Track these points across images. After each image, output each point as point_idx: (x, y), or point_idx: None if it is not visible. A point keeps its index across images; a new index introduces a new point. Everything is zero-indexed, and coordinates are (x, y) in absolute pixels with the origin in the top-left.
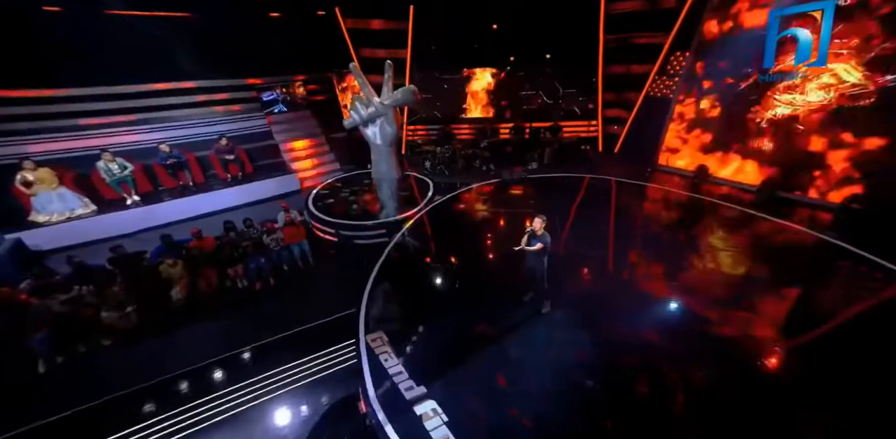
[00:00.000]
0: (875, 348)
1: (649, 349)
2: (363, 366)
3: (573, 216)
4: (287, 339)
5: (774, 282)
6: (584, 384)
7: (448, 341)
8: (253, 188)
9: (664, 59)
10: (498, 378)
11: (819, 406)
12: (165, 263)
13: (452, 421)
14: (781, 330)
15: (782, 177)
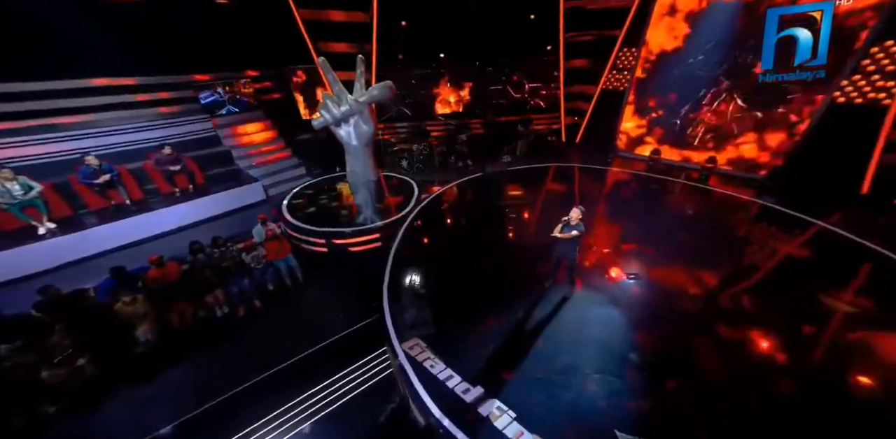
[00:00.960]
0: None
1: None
2: (411, 377)
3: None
4: (290, 369)
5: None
6: (629, 359)
7: (485, 336)
8: (209, 202)
9: (616, 55)
10: (547, 364)
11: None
12: (121, 301)
13: (520, 416)
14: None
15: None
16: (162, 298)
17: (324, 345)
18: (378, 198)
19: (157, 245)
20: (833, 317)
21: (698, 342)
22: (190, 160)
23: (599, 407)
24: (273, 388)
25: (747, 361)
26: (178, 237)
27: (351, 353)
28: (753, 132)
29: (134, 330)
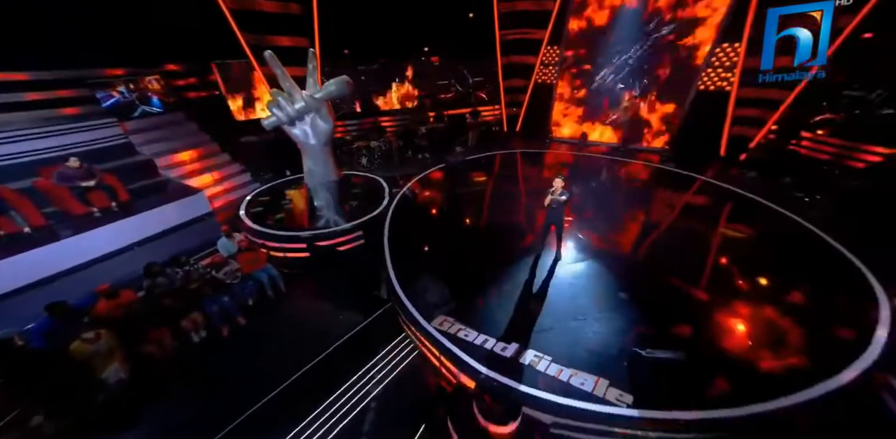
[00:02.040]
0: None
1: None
2: (452, 347)
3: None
4: (305, 378)
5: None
6: (620, 299)
7: (498, 302)
8: (144, 220)
9: (543, 52)
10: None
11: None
12: (80, 340)
13: (554, 358)
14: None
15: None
16: (131, 330)
17: (336, 347)
18: (340, 200)
19: (79, 277)
20: (718, 237)
21: (655, 274)
22: (107, 174)
23: (610, 340)
24: (293, 399)
25: (671, 281)
26: (108, 265)
27: (365, 351)
28: (655, 115)
29: (100, 372)
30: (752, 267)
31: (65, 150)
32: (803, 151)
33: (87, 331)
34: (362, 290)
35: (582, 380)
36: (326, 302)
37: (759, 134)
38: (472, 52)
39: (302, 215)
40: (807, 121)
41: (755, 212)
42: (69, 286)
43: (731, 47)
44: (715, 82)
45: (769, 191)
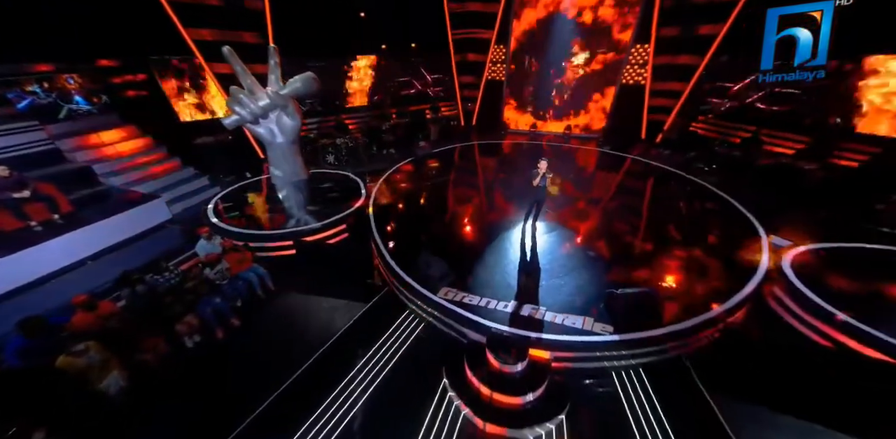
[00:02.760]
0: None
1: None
2: (464, 313)
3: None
4: (314, 368)
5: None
6: (589, 256)
7: (491, 270)
8: (94, 232)
9: (492, 50)
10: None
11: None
12: (69, 354)
13: (548, 308)
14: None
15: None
16: (122, 339)
17: (338, 337)
18: (309, 198)
19: (23, 299)
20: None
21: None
22: (42, 183)
23: (588, 288)
24: (307, 388)
25: (623, 238)
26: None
27: (369, 337)
28: (588, 107)
29: (98, 383)
30: (675, 220)
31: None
32: (701, 132)
33: (74, 345)
34: (355, 280)
35: (573, 321)
36: (319, 296)
37: (669, 119)
38: (428, 49)
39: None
40: (699, 108)
41: (672, 180)
42: (9, 310)
43: (643, 48)
44: (633, 77)
45: (680, 163)
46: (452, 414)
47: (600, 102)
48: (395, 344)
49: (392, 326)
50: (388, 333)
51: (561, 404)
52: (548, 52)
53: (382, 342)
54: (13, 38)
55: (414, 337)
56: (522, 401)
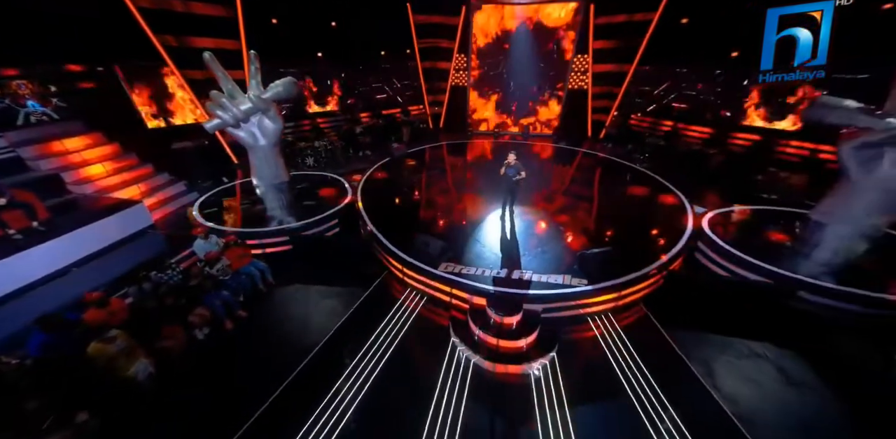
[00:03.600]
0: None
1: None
2: (465, 281)
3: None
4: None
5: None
6: (560, 230)
7: (481, 246)
8: (77, 239)
9: (455, 59)
10: (528, 247)
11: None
12: (100, 340)
13: (534, 271)
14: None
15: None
16: (144, 328)
17: (344, 321)
18: (291, 199)
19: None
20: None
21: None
22: (18, 190)
23: (564, 253)
24: (321, 370)
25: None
26: (45, 290)
27: (372, 318)
28: (544, 108)
29: (126, 369)
30: (622, 197)
31: None
32: (634, 127)
33: (105, 333)
34: (351, 269)
35: (555, 279)
36: (319, 286)
37: (608, 118)
38: (397, 57)
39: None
40: (632, 107)
41: (616, 167)
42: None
43: (583, 57)
44: (577, 83)
45: (621, 154)
46: (464, 364)
47: (551, 105)
48: (401, 320)
49: (396, 304)
50: (393, 311)
51: (551, 344)
52: (508, 61)
53: (388, 319)
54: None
55: (418, 312)
56: (522, 345)
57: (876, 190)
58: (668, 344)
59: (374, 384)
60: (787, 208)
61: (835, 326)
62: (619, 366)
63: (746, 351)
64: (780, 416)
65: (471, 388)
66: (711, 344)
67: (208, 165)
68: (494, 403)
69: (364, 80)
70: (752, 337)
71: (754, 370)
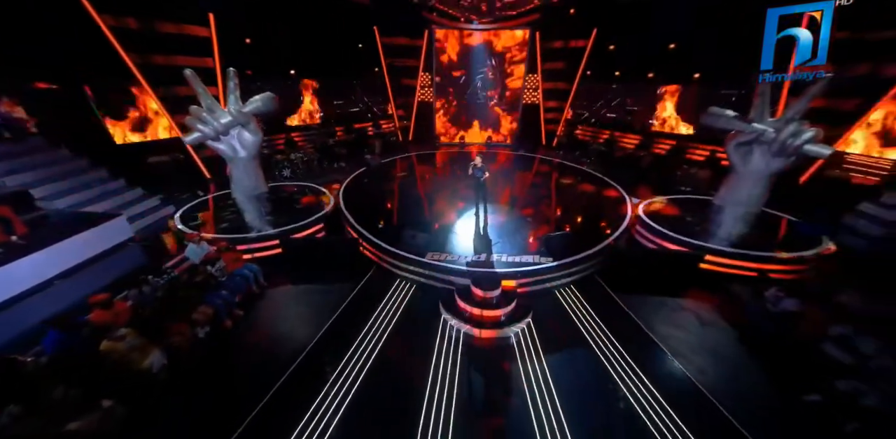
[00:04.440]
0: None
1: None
2: (451, 266)
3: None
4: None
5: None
6: (528, 220)
7: (458, 237)
8: (58, 252)
9: (421, 76)
10: (497, 236)
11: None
12: (111, 339)
13: (508, 253)
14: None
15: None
16: (151, 326)
17: (338, 315)
18: (268, 209)
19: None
20: (554, 183)
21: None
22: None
23: (532, 238)
24: (324, 353)
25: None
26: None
27: (365, 310)
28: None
29: (141, 363)
30: (574, 193)
31: None
32: (580, 136)
33: (114, 332)
34: (341, 267)
35: (527, 259)
36: (309, 285)
37: (559, 128)
38: (367, 74)
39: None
40: (578, 118)
41: (566, 169)
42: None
43: (533, 76)
44: (530, 99)
45: (571, 158)
46: (455, 334)
47: (510, 118)
48: (394, 306)
49: (388, 293)
50: (386, 299)
51: (526, 313)
52: (469, 79)
53: (383, 306)
54: None
55: (409, 297)
56: (501, 314)
57: (752, 177)
58: (619, 305)
59: (378, 356)
60: (697, 197)
61: (730, 279)
62: (581, 324)
63: (674, 306)
64: (698, 347)
65: (463, 350)
66: (650, 304)
67: (183, 179)
68: (482, 360)
69: (336, 96)
70: (676, 295)
71: (680, 318)
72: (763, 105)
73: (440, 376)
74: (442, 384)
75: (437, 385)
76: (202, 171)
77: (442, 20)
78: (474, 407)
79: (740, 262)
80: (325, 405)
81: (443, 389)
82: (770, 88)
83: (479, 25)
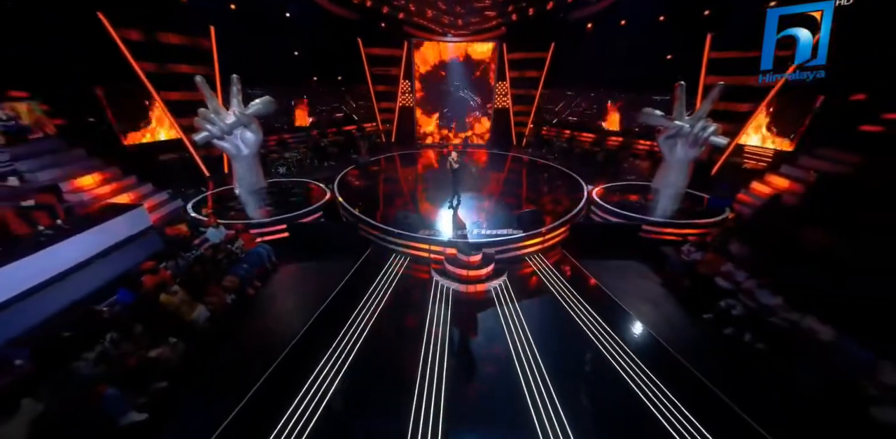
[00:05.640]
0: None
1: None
2: (439, 239)
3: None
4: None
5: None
6: (504, 203)
7: (444, 218)
8: (96, 235)
9: (401, 84)
10: (476, 217)
11: None
12: (168, 293)
13: (487, 228)
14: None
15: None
16: (193, 287)
17: (342, 287)
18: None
19: (57, 288)
20: (526, 175)
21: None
22: (41, 193)
23: (505, 216)
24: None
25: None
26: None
27: (364, 282)
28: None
29: (189, 315)
30: (540, 181)
31: None
32: (545, 136)
33: (170, 287)
34: (341, 248)
35: (503, 232)
36: (314, 263)
37: (527, 129)
38: (352, 81)
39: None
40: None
41: (535, 164)
42: (49, 297)
43: (503, 84)
44: (501, 103)
45: (539, 155)
46: (446, 292)
47: (483, 121)
48: (390, 276)
49: (386, 265)
50: (384, 270)
51: (502, 272)
52: (446, 86)
53: (382, 274)
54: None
55: (405, 268)
56: (484, 273)
57: (677, 165)
58: (577, 266)
59: (381, 312)
60: (640, 182)
61: (660, 243)
62: (546, 280)
63: (622, 265)
64: (634, 291)
65: (452, 302)
66: (608, 268)
67: (187, 176)
68: (468, 310)
69: (325, 101)
70: (620, 257)
71: (628, 274)
72: (681, 106)
73: (434, 323)
74: (436, 329)
75: (433, 330)
76: (202, 169)
77: (420, 33)
78: (462, 344)
79: (668, 229)
80: (338, 351)
81: (437, 332)
82: (685, 93)
83: (453, 38)
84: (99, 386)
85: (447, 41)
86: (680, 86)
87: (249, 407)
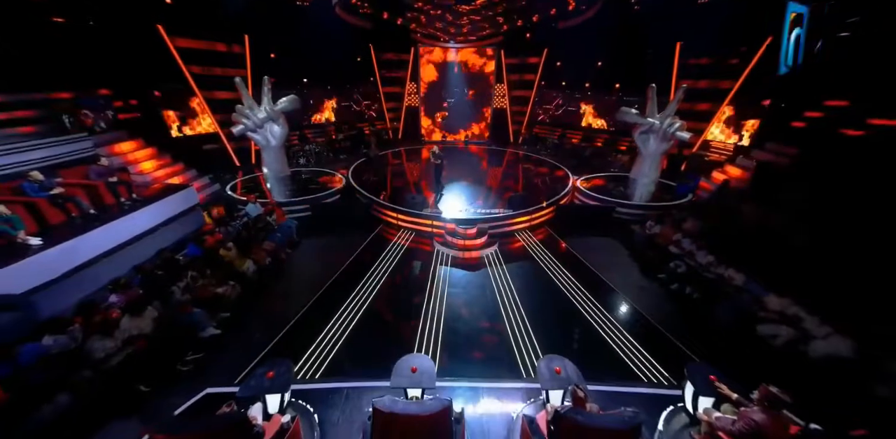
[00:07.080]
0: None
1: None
2: (440, 216)
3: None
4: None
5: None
6: (488, 189)
7: (437, 202)
8: (158, 208)
9: (408, 85)
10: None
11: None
12: (225, 248)
13: (477, 209)
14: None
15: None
16: (245, 246)
17: (356, 255)
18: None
19: (131, 250)
20: (520, 169)
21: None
22: (121, 173)
23: (494, 200)
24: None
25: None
26: (144, 241)
27: (374, 254)
28: (477, 123)
29: (240, 267)
30: (534, 173)
31: (44, 162)
32: (539, 134)
33: (226, 244)
34: (357, 224)
35: (494, 212)
36: (333, 236)
37: (522, 128)
38: (364, 82)
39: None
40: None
41: (529, 159)
42: (116, 262)
43: (501, 86)
44: (499, 104)
45: (533, 150)
46: (445, 258)
47: (482, 121)
48: (400, 245)
49: (393, 239)
50: (392, 243)
51: (493, 243)
52: (448, 88)
53: (391, 246)
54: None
55: (411, 241)
56: (480, 243)
57: (650, 158)
58: (562, 244)
59: (390, 275)
60: (621, 174)
61: (631, 222)
62: (533, 252)
63: (602, 242)
64: (607, 261)
65: (451, 265)
66: (585, 243)
67: (223, 164)
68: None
69: (340, 101)
70: (597, 235)
71: (606, 248)
72: (652, 105)
73: (437, 285)
74: (438, 290)
75: (435, 291)
76: (233, 159)
77: (425, 40)
78: (457, 300)
79: (638, 211)
80: (353, 303)
81: (439, 292)
82: (655, 94)
83: (455, 44)
84: (187, 306)
85: (450, 47)
86: (651, 88)
87: (287, 338)
